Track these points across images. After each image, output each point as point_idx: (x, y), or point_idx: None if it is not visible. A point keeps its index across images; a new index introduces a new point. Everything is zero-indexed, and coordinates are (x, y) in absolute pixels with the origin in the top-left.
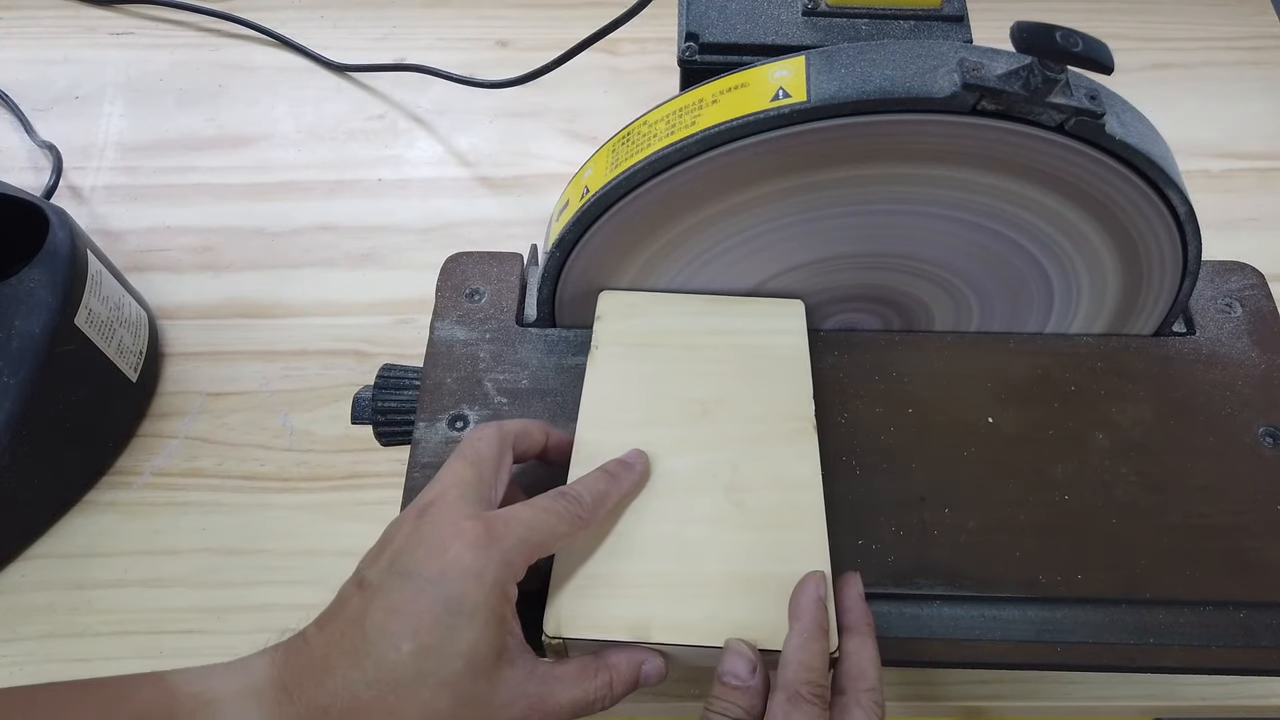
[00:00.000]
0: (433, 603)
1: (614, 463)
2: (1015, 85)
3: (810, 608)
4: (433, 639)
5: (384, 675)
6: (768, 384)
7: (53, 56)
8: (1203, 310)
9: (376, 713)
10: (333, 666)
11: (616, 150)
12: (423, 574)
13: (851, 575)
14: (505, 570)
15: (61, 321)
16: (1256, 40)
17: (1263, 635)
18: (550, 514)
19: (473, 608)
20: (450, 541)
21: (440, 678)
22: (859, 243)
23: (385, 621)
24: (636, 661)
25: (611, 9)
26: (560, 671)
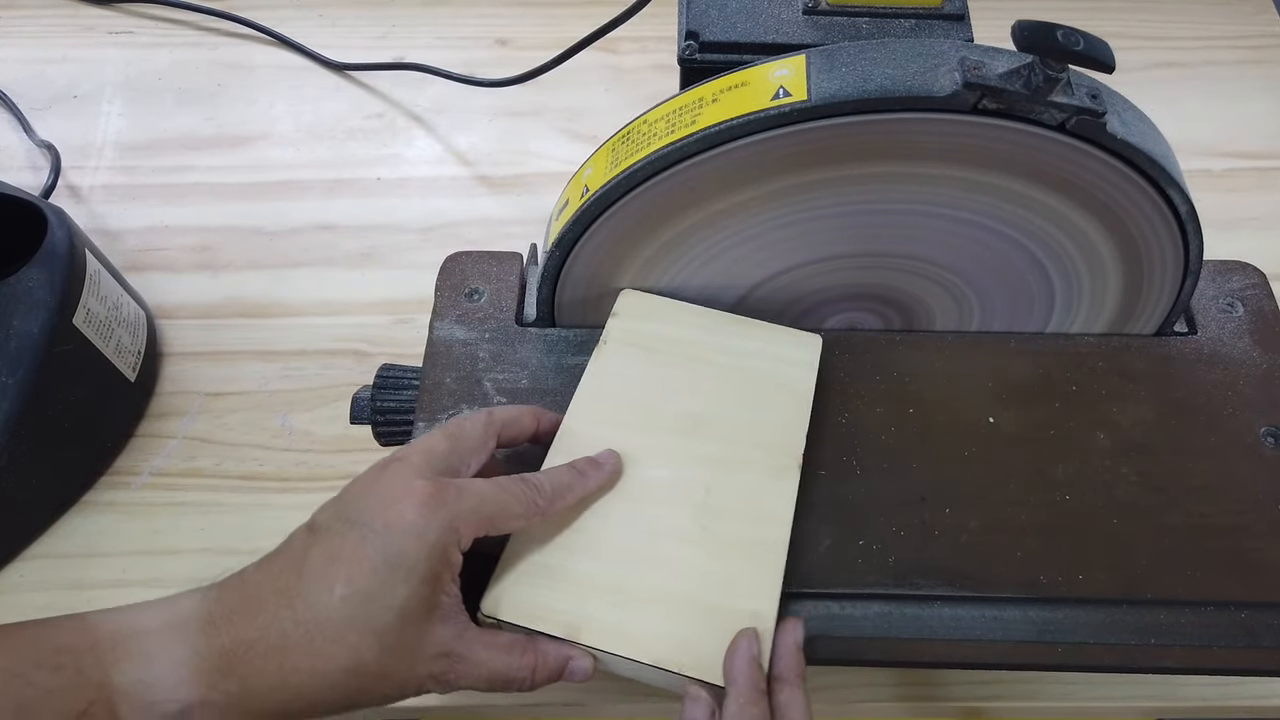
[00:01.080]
0: (373, 552)
1: (584, 460)
2: (1016, 84)
3: (745, 669)
4: (367, 587)
5: (314, 616)
6: (765, 413)
7: (51, 56)
8: (1204, 310)
9: (302, 652)
10: (265, 603)
11: (616, 149)
12: (368, 524)
13: (791, 622)
14: (448, 534)
15: (60, 321)
16: (1258, 39)
17: (1264, 635)
18: (507, 493)
19: (411, 564)
20: (401, 497)
21: (369, 625)
22: (860, 242)
23: (324, 565)
24: (565, 656)
25: (611, 8)
26: (489, 640)
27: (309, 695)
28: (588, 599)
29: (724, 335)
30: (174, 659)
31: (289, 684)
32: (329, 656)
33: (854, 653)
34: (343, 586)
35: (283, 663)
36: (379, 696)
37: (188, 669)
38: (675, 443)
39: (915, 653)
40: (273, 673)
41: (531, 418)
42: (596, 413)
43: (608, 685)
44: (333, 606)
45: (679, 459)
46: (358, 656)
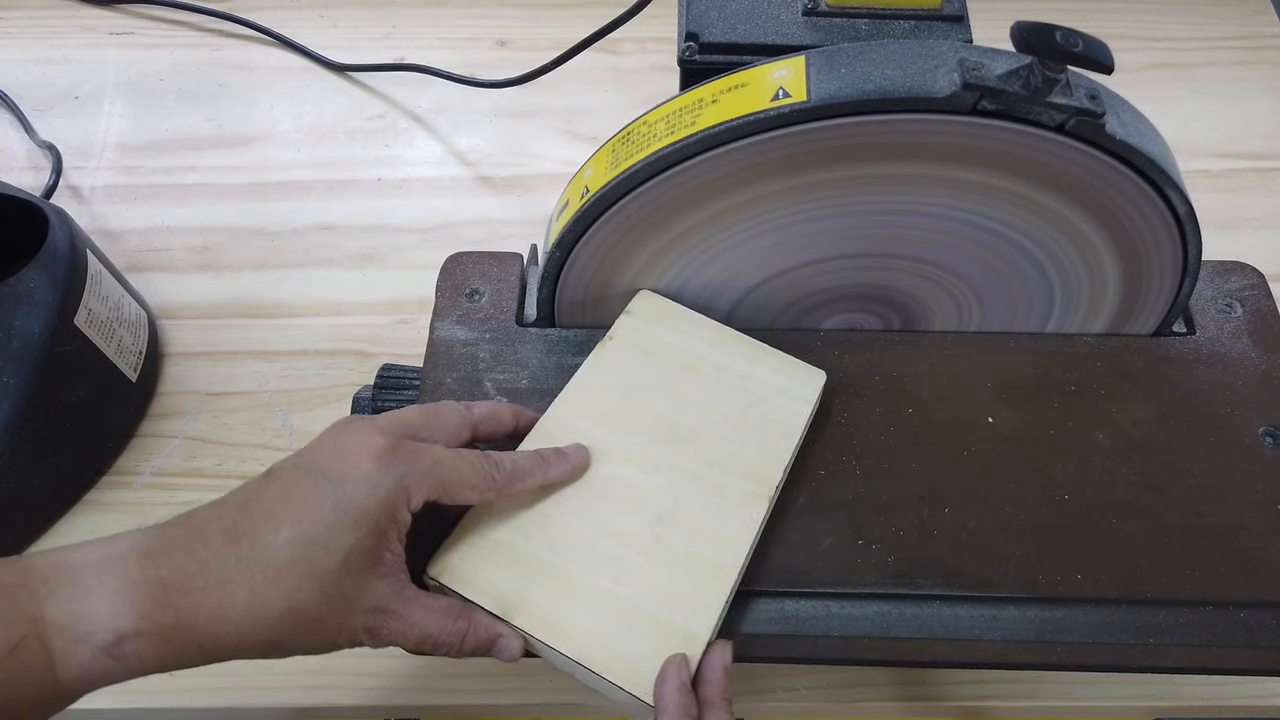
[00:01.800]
0: (323, 497)
1: (550, 449)
2: (1015, 85)
3: (674, 695)
4: (314, 532)
5: (258, 555)
6: (751, 438)
7: (53, 56)
8: (1203, 310)
9: (241, 589)
10: (209, 538)
11: (616, 150)
12: (323, 471)
13: (720, 645)
14: (399, 492)
15: (61, 321)
16: (1256, 40)
17: (1262, 635)
18: (465, 463)
19: (361, 514)
20: (358, 450)
21: (311, 570)
22: (859, 243)
23: (273, 506)
24: (496, 632)
25: (611, 9)
26: (425, 602)
27: (244, 632)
28: (530, 582)
29: (730, 353)
30: (108, 590)
31: (226, 619)
32: (267, 596)
33: (853, 652)
34: (289, 529)
35: (221, 598)
36: (312, 642)
37: (122, 600)
38: (654, 449)
39: (914, 652)
40: (210, 607)
41: (510, 415)
42: (584, 405)
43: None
44: (277, 547)
45: (653, 466)
46: (296, 599)
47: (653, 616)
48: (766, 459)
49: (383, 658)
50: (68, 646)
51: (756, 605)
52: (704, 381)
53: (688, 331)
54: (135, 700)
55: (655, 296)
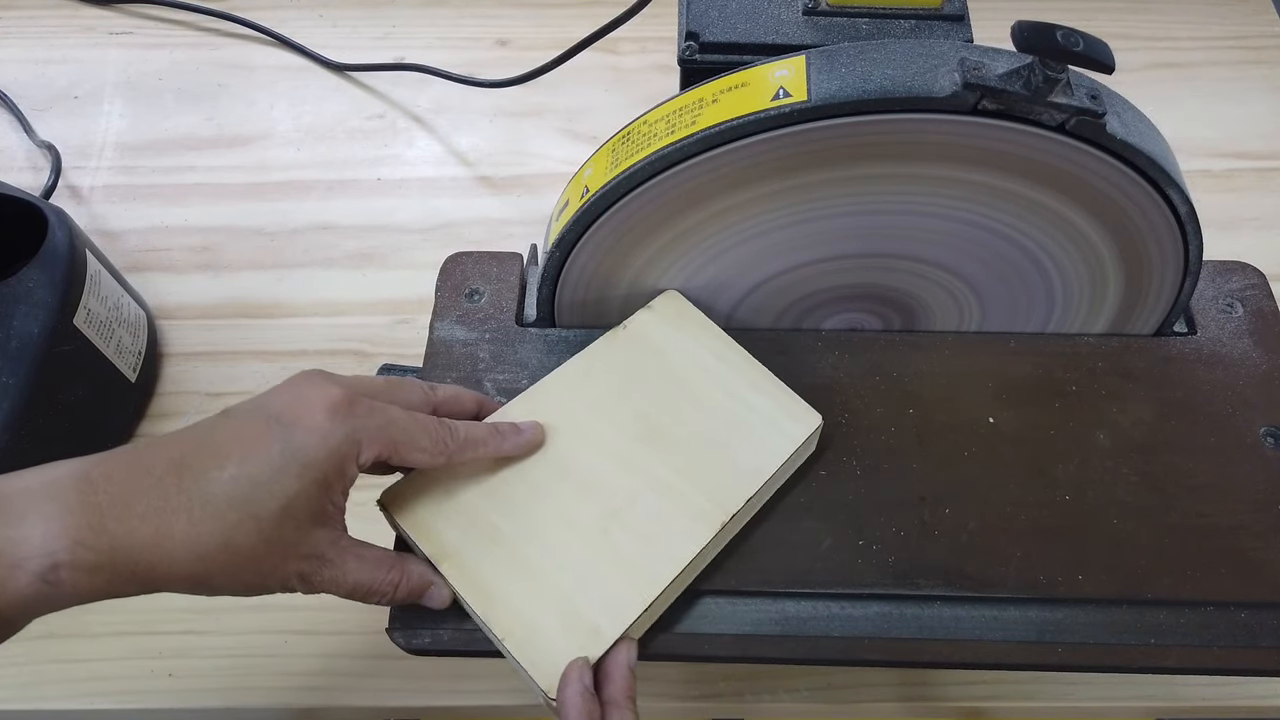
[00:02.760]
0: (272, 439)
1: (506, 423)
2: (1016, 85)
3: (577, 701)
4: (258, 471)
5: (200, 488)
6: (725, 459)
7: (52, 56)
8: (1204, 310)
9: (180, 519)
10: (152, 468)
11: (616, 150)
12: (276, 415)
13: (624, 644)
14: (349, 445)
15: (60, 321)
16: (1257, 40)
17: (1264, 635)
18: (418, 425)
19: (308, 461)
20: (314, 399)
21: (251, 509)
22: (859, 242)
23: (222, 443)
24: (428, 580)
25: (611, 8)
26: (360, 551)
27: (178, 563)
28: (470, 539)
29: (736, 373)
30: (43, 515)
31: (161, 548)
32: (205, 529)
33: (853, 653)
34: (235, 466)
35: (159, 526)
36: (243, 582)
37: (57, 525)
38: (629, 446)
39: (915, 653)
40: (146, 535)
41: (473, 402)
42: (575, 384)
43: None
44: (220, 482)
45: (622, 461)
46: (233, 536)
47: (572, 605)
48: (733, 484)
49: (383, 658)
50: (5, 572)
51: (757, 605)
52: (699, 393)
53: (701, 341)
54: (135, 700)
55: (680, 299)
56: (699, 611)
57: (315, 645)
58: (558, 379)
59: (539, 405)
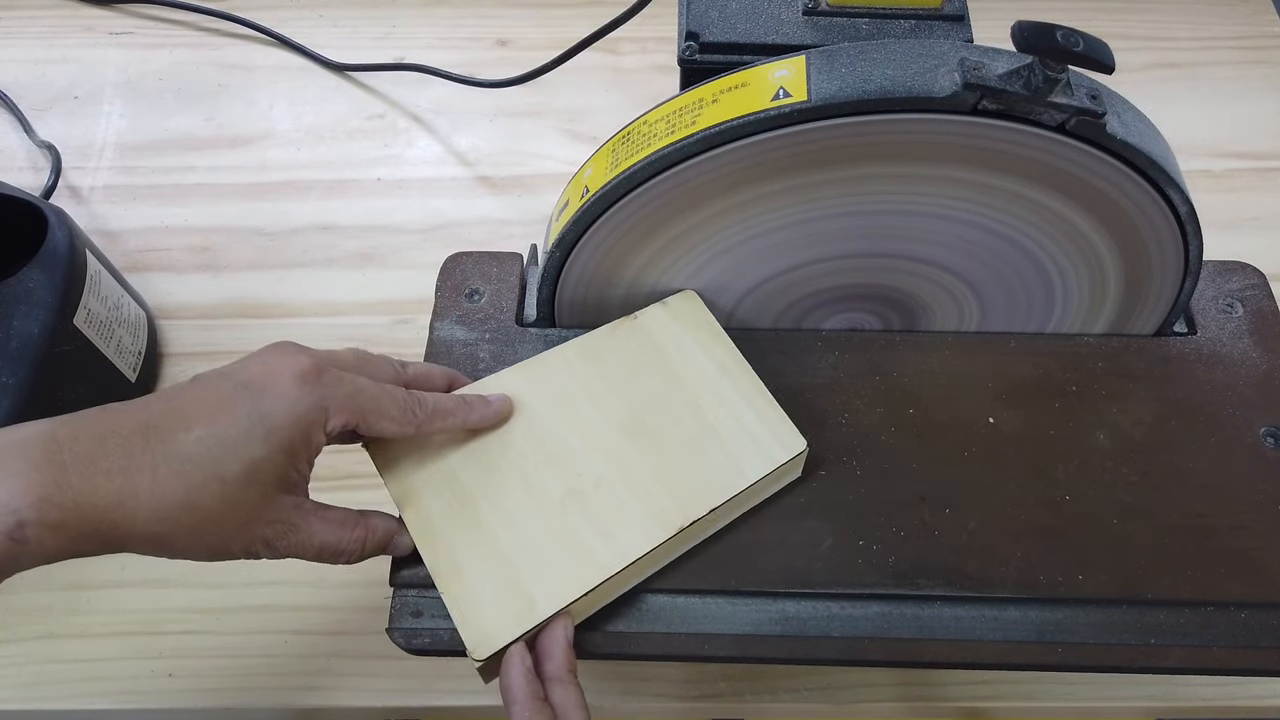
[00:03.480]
0: (240, 404)
1: (475, 396)
2: (1016, 85)
3: (521, 683)
4: (226, 433)
5: (165, 448)
6: (698, 465)
7: (52, 56)
8: (1204, 310)
9: (144, 477)
10: (118, 428)
11: (616, 150)
12: (244, 381)
13: (560, 619)
14: (317, 412)
15: (60, 321)
16: (1257, 40)
17: (1264, 636)
18: (386, 395)
19: (275, 426)
20: (282, 366)
21: (216, 470)
22: (859, 242)
23: (190, 406)
24: (391, 531)
25: (611, 8)
26: (323, 514)
27: (141, 522)
28: (434, 488)
29: (733, 385)
30: (9, 473)
31: (124, 506)
32: (169, 488)
33: (854, 653)
34: (201, 427)
35: (123, 484)
36: (205, 544)
37: (21, 482)
38: (609, 432)
39: (915, 653)
40: (111, 492)
41: (444, 379)
42: (574, 363)
43: (610, 685)
44: (186, 443)
45: (599, 446)
46: (197, 496)
47: (514, 573)
48: (701, 492)
49: (383, 658)
50: None
51: (757, 605)
52: (692, 397)
53: (706, 346)
54: (135, 700)
55: (696, 300)
56: (699, 611)
57: (315, 645)
58: (558, 355)
59: (532, 375)
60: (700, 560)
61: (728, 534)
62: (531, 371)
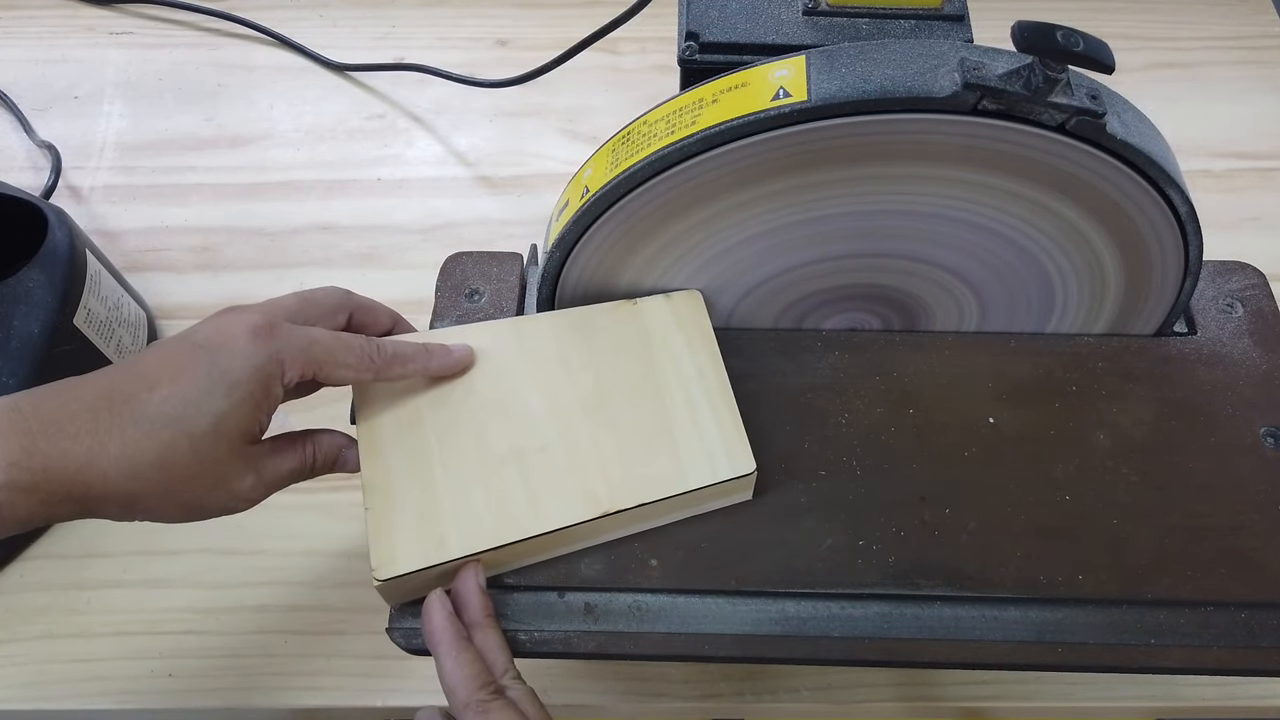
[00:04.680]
0: (199, 363)
1: (436, 343)
2: (1016, 85)
3: (443, 626)
4: (189, 391)
5: (131, 410)
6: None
7: (52, 56)
8: (1204, 310)
9: (113, 439)
10: (81, 395)
11: (616, 150)
12: (201, 342)
13: (470, 567)
14: (273, 364)
15: (60, 321)
16: (1258, 40)
17: (1264, 636)
18: (342, 343)
19: (234, 381)
20: (235, 325)
21: (184, 427)
22: (859, 243)
23: (150, 368)
24: (338, 445)
25: (611, 8)
26: (276, 445)
27: (112, 481)
28: (392, 410)
29: (703, 392)
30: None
31: (95, 466)
32: (141, 447)
33: (854, 653)
34: (166, 387)
35: (92, 445)
36: (178, 502)
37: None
38: (571, 403)
39: (915, 653)
40: (80, 454)
41: (389, 318)
42: (561, 330)
43: (610, 685)
44: (151, 403)
45: (557, 413)
46: (168, 453)
47: (437, 511)
48: (636, 487)
49: (382, 658)
50: None
51: (757, 605)
52: (662, 393)
53: (692, 348)
54: (135, 700)
55: (699, 302)
56: (699, 611)
57: (315, 645)
58: (551, 318)
59: (520, 331)
60: (700, 560)
61: (727, 534)
62: (520, 327)
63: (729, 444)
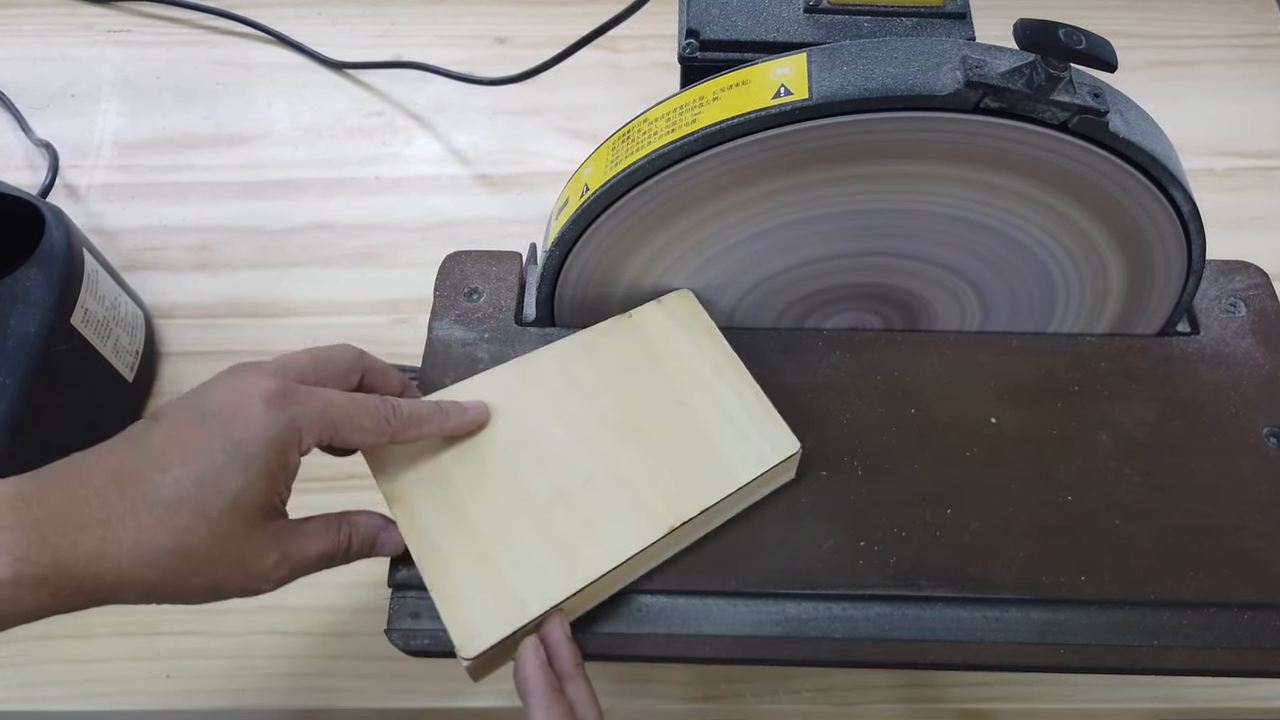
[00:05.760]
0: (212, 436)
1: (450, 401)
2: (1018, 83)
3: (538, 676)
4: (203, 469)
5: (143, 493)
6: (691, 469)
7: (49, 54)
8: (1207, 310)
9: (126, 526)
10: (89, 478)
11: (616, 148)
12: (211, 412)
13: (555, 618)
14: (290, 432)
15: (58, 321)
16: (1260, 38)
17: (1266, 637)
18: (358, 406)
19: (250, 454)
20: (247, 391)
21: (200, 508)
22: (861, 241)
23: (160, 445)
24: (376, 527)
25: (611, 6)
26: (308, 527)
27: (127, 570)
28: (424, 484)
29: (727, 386)
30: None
31: (108, 556)
32: (155, 534)
33: (855, 654)
34: (178, 467)
35: (104, 535)
36: (198, 586)
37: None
38: (598, 431)
39: (916, 654)
40: (91, 545)
41: (399, 382)
42: (567, 360)
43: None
44: (164, 485)
45: (588, 444)
46: (185, 539)
47: (500, 572)
48: (692, 494)
49: (382, 659)
50: None
51: (757, 606)
52: (684, 397)
53: (701, 346)
54: (135, 701)
55: (692, 300)
56: (700, 612)
57: (315, 645)
58: (551, 352)
59: (525, 371)
60: (701, 561)
61: (728, 534)
62: (525, 368)
63: (766, 429)
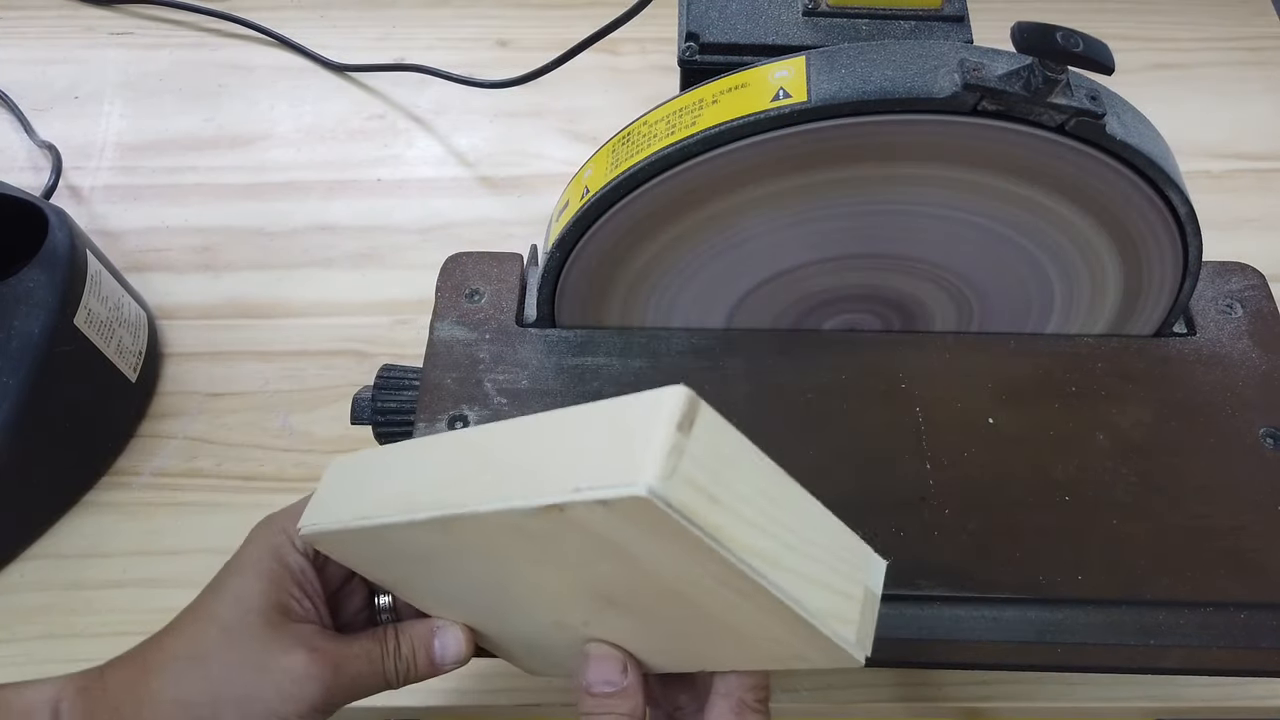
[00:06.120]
0: (207, 591)
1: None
2: (1016, 86)
3: None
4: (204, 595)
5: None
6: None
7: (52, 56)
8: (1203, 311)
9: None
10: (110, 673)
11: (616, 150)
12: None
13: None
14: (276, 535)
15: (61, 321)
16: (1257, 41)
17: (1264, 636)
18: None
19: (241, 565)
20: None
21: (209, 612)
22: (859, 243)
23: (166, 638)
24: (430, 629)
25: (611, 9)
26: (343, 635)
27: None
28: None
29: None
30: None
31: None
32: (173, 644)
33: None
34: (178, 631)
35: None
36: (234, 697)
37: None
38: (583, 591)
39: (915, 653)
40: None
41: None
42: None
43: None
44: (168, 638)
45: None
46: (198, 643)
47: None
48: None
49: None
50: None
51: None
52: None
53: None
54: None
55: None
56: None
57: None
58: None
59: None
60: None
61: None
62: (449, 527)
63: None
